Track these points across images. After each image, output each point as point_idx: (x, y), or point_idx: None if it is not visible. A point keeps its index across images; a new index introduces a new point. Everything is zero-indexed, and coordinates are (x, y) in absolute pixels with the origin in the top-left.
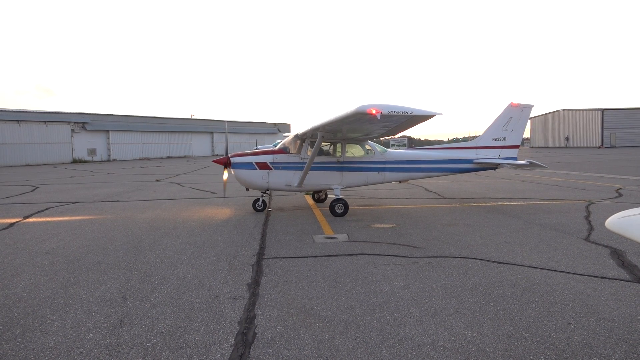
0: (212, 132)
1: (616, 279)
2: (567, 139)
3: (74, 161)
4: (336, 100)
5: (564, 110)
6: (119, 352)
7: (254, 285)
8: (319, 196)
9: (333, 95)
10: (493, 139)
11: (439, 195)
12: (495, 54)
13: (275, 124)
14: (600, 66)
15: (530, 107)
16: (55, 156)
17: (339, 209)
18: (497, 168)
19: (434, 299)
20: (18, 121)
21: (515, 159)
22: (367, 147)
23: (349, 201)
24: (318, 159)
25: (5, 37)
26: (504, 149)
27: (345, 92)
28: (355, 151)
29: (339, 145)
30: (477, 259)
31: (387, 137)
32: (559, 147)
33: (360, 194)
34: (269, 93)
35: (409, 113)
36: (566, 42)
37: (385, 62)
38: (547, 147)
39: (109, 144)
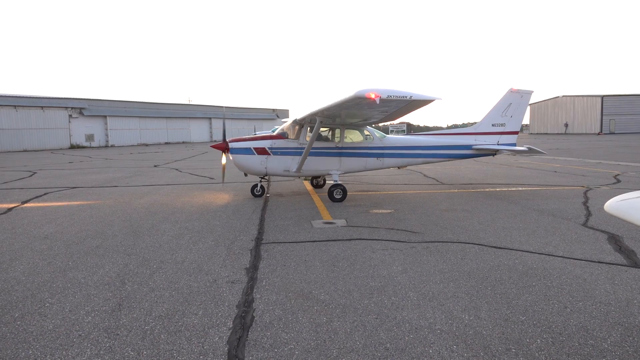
0: (210, 118)
1: (613, 264)
2: (566, 125)
3: (72, 147)
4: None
5: (563, 96)
6: (118, 335)
7: (252, 269)
8: (317, 182)
9: (332, 81)
10: (492, 125)
11: (438, 181)
12: (495, 40)
13: (273, 110)
14: (600, 52)
15: (530, 93)
16: (53, 142)
17: (337, 194)
18: (496, 154)
19: (431, 283)
20: (15, 106)
21: (514, 145)
22: (366, 132)
23: (347, 187)
24: (316, 144)
25: None
26: (503, 135)
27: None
28: (354, 137)
29: (337, 131)
30: (474, 243)
31: (386, 123)
32: (558, 134)
33: (359, 180)
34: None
35: (408, 97)
36: (566, 28)
37: (384, 47)
38: (546, 133)
39: (106, 129)
